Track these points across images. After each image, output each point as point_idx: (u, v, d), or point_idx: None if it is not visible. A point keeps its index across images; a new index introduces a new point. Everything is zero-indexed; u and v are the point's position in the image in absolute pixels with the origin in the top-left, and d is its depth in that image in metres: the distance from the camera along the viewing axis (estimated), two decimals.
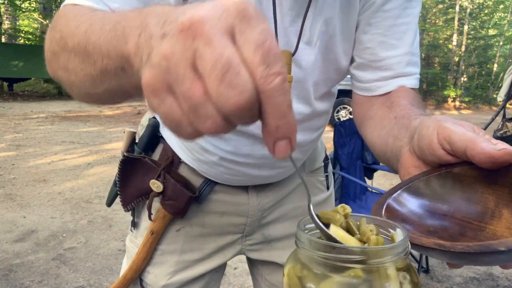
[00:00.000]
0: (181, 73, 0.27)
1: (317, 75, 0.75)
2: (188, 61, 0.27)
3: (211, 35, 0.27)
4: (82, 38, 0.44)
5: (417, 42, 0.74)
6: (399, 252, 0.39)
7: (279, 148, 0.29)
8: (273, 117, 0.28)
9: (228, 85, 0.26)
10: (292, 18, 0.68)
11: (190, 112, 0.28)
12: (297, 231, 0.43)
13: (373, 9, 0.71)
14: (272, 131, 0.28)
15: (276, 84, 0.27)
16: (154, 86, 0.28)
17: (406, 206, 0.44)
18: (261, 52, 0.27)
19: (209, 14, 0.27)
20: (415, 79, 0.73)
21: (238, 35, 0.27)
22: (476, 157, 0.39)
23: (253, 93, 0.27)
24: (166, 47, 0.28)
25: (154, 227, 0.85)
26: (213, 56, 0.26)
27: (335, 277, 0.39)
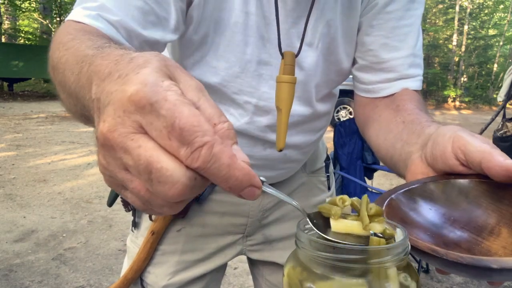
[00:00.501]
0: (120, 178, 0.29)
1: (318, 77, 0.75)
2: (121, 167, 0.28)
3: (123, 144, 0.27)
4: (62, 78, 0.43)
5: (420, 43, 0.74)
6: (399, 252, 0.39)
7: (246, 196, 0.29)
8: (220, 182, 0.28)
9: (158, 183, 0.26)
10: (294, 19, 0.68)
11: (146, 203, 0.29)
12: (297, 231, 0.43)
13: (375, 10, 0.71)
14: (228, 190, 0.29)
15: (203, 157, 0.26)
16: (111, 187, 0.31)
17: (408, 206, 0.44)
18: (174, 135, 0.26)
19: (114, 122, 0.27)
20: (418, 81, 0.73)
21: (147, 128, 0.27)
22: (493, 169, 0.39)
23: (186, 177, 0.27)
24: (101, 158, 0.29)
25: (154, 227, 0.85)
26: (134, 161, 0.27)
27: (335, 277, 0.39)
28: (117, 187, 0.31)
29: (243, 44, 0.68)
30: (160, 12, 0.60)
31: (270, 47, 0.69)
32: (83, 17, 0.54)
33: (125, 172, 0.28)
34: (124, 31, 0.57)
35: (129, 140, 0.27)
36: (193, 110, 0.27)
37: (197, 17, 0.65)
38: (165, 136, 0.26)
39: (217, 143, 0.27)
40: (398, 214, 0.43)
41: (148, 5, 0.58)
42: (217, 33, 0.67)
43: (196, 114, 0.27)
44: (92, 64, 0.35)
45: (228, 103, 0.73)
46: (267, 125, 0.75)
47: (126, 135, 0.27)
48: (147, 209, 0.30)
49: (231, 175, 0.27)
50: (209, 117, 0.28)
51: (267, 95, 0.72)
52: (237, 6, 0.65)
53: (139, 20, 0.58)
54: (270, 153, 0.78)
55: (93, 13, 0.55)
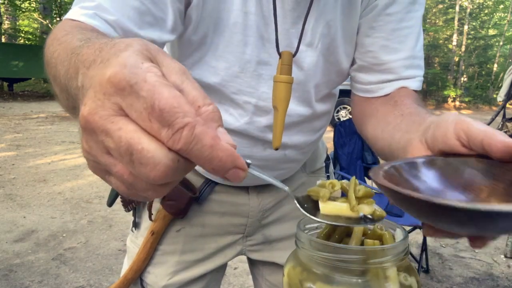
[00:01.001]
0: (103, 162, 0.28)
1: (318, 77, 0.75)
2: (103, 151, 0.28)
3: (103, 126, 0.27)
4: (56, 73, 0.44)
5: (420, 44, 0.74)
6: (399, 252, 0.39)
7: (230, 178, 0.29)
8: (203, 164, 0.27)
9: (140, 165, 0.26)
10: (293, 19, 0.68)
11: (131, 188, 0.29)
12: (297, 231, 0.43)
13: (375, 12, 0.71)
14: (212, 172, 0.28)
15: (185, 138, 0.26)
16: (95, 173, 0.31)
17: (409, 173, 0.46)
18: (155, 117, 0.26)
19: (94, 105, 0.27)
20: (417, 81, 0.73)
21: (128, 110, 0.27)
22: (494, 146, 0.40)
23: (168, 158, 0.26)
24: (84, 143, 0.29)
25: (154, 227, 0.85)
26: (115, 144, 0.26)
27: (335, 277, 0.39)
28: (101, 173, 0.30)
29: (242, 44, 0.68)
30: (156, 12, 0.60)
31: (270, 47, 0.69)
32: (80, 16, 0.55)
33: (108, 156, 0.28)
34: (121, 31, 0.57)
35: (109, 122, 0.27)
36: (173, 91, 0.27)
37: (196, 18, 0.65)
38: (145, 118, 0.26)
39: (198, 124, 0.26)
40: (397, 179, 0.45)
41: (144, 6, 0.59)
42: (216, 33, 0.67)
43: (177, 96, 0.26)
44: (79, 54, 0.35)
45: (227, 103, 0.73)
46: (266, 125, 0.75)
47: (106, 118, 0.27)
48: (132, 194, 0.30)
49: (214, 156, 0.27)
50: (193, 100, 0.28)
51: (267, 95, 0.72)
52: (236, 6, 0.65)
53: (135, 20, 0.58)
54: (270, 153, 0.78)
55: (90, 12, 0.55)
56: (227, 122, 0.74)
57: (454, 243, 3.19)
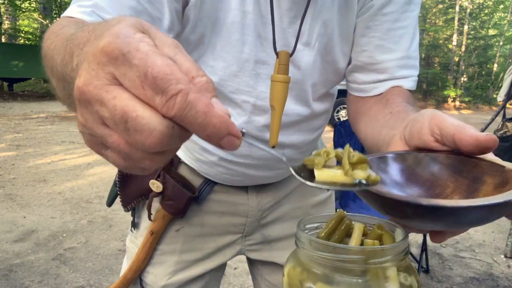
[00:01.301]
0: (99, 133, 0.28)
1: (315, 77, 0.75)
2: (99, 122, 0.28)
3: (98, 96, 0.27)
4: (53, 64, 0.44)
5: (416, 44, 0.74)
6: (399, 252, 0.39)
7: (225, 145, 0.29)
8: (197, 131, 0.28)
9: (135, 131, 0.26)
10: (290, 19, 0.68)
11: (127, 159, 0.29)
12: (297, 231, 0.43)
13: (371, 12, 0.71)
14: (207, 140, 0.28)
15: (179, 105, 0.26)
16: (92, 148, 0.31)
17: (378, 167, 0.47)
18: (148, 84, 0.26)
19: (88, 75, 0.27)
20: (411, 81, 0.73)
21: (121, 79, 0.27)
22: (463, 140, 0.41)
23: (163, 125, 0.27)
24: (79, 116, 0.29)
25: (153, 227, 0.85)
26: (110, 113, 0.27)
27: (335, 277, 0.39)
28: (97, 146, 0.30)
29: (240, 43, 0.68)
30: (153, 12, 0.60)
31: (267, 46, 0.69)
32: (77, 13, 0.55)
33: (103, 126, 0.28)
34: None
35: (104, 92, 0.27)
36: (166, 59, 0.27)
37: (194, 17, 0.65)
38: (138, 86, 0.26)
39: (192, 91, 0.26)
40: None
41: (141, 5, 0.59)
42: (214, 32, 0.67)
43: (169, 64, 0.27)
44: (74, 39, 0.36)
45: (226, 103, 0.73)
46: (265, 125, 0.75)
47: (101, 87, 0.27)
48: (129, 166, 0.30)
49: (208, 122, 0.27)
50: (186, 71, 0.28)
51: (265, 94, 0.72)
52: (234, 6, 0.65)
53: None
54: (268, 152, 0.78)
55: (88, 10, 0.56)
56: None
57: (454, 243, 3.19)
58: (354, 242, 0.42)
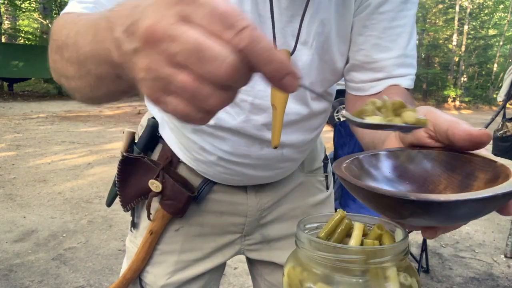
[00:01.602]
0: (166, 74, 0.29)
1: (313, 76, 0.75)
2: (166, 61, 0.29)
3: (170, 32, 0.28)
4: (74, 49, 0.45)
5: (413, 43, 0.74)
6: (399, 252, 0.39)
7: (286, 85, 0.30)
8: (263, 65, 0.28)
9: (209, 60, 0.27)
10: (288, 18, 0.68)
11: (192, 99, 0.30)
12: (297, 231, 0.42)
13: (368, 11, 0.71)
14: (271, 76, 0.29)
15: (247, 37, 0.27)
16: (153, 96, 0.31)
17: (370, 164, 0.48)
18: (217, 19, 0.28)
19: (156, 15, 0.29)
20: (409, 79, 0.73)
21: (190, 17, 0.28)
22: (457, 135, 0.41)
23: (234, 55, 0.28)
24: (142, 61, 0.30)
25: (153, 227, 0.85)
26: (182, 45, 0.28)
27: (335, 277, 0.39)
28: (159, 93, 0.30)
29: None
30: None
31: None
32: (80, 9, 0.56)
33: (170, 66, 0.29)
34: None
35: (175, 28, 0.28)
36: (227, 2, 0.29)
37: None
38: (208, 22, 0.28)
39: (257, 28, 0.28)
40: (358, 170, 0.46)
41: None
42: None
43: (231, 5, 0.28)
44: (110, 16, 0.37)
45: None
46: (263, 124, 0.75)
47: (172, 24, 0.28)
48: (190, 111, 0.30)
49: (274, 57, 0.28)
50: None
51: (263, 93, 0.72)
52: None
53: None
54: (267, 152, 0.78)
55: (90, 5, 0.57)
56: (223, 120, 0.74)
57: (454, 243, 3.19)
58: (354, 242, 0.42)
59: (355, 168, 0.46)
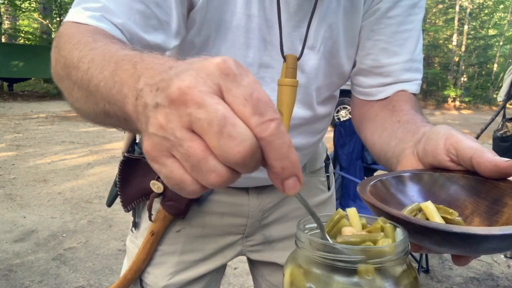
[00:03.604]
0: (178, 136, 0.29)
1: (320, 80, 0.75)
2: (184, 125, 0.29)
3: (201, 99, 0.28)
4: (85, 76, 0.44)
5: (420, 48, 0.74)
6: (399, 252, 0.39)
7: (288, 186, 0.30)
8: (276, 160, 0.29)
9: (228, 137, 0.27)
10: (296, 23, 0.68)
11: (193, 169, 0.29)
12: (297, 231, 0.43)
13: (377, 15, 0.71)
14: (279, 173, 0.30)
15: (272, 129, 0.28)
16: (153, 154, 0.30)
17: (396, 188, 0.47)
18: (251, 103, 0.28)
19: (195, 80, 0.29)
20: (415, 84, 0.73)
21: (226, 93, 0.29)
22: (482, 164, 0.40)
23: (254, 140, 0.28)
24: (161, 118, 0.29)
25: (154, 227, 0.85)
26: (208, 114, 0.28)
27: (335, 277, 0.39)
28: (161, 152, 0.30)
29: (245, 46, 0.67)
30: (161, 15, 0.60)
31: (272, 50, 0.69)
32: (87, 18, 0.54)
33: (187, 130, 0.29)
34: (128, 34, 0.57)
35: (208, 97, 0.28)
36: (264, 92, 0.30)
37: (199, 20, 0.65)
38: (241, 103, 0.28)
39: (283, 124, 0.29)
40: (384, 194, 0.46)
41: (149, 9, 0.59)
42: (218, 35, 0.67)
43: (269, 96, 0.29)
44: (138, 64, 0.36)
45: None
46: None
47: (206, 93, 0.28)
48: (185, 180, 0.30)
49: (289, 155, 0.29)
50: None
51: None
52: (239, 9, 0.65)
53: (140, 24, 0.58)
54: None
55: (97, 14, 0.54)
56: None
57: None
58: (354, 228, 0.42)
59: (380, 191, 0.45)
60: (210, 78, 0.29)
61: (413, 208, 0.43)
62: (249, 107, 0.28)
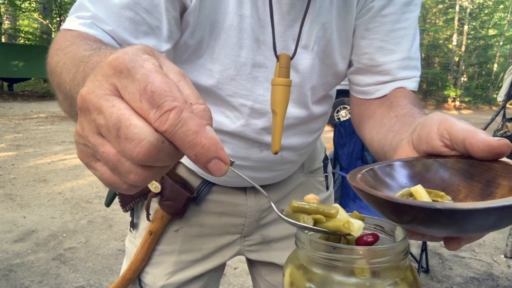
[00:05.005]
0: (92, 142, 0.29)
1: (314, 80, 0.75)
2: (94, 131, 0.29)
3: (98, 104, 0.28)
4: (59, 80, 0.45)
5: (417, 45, 0.74)
6: (399, 252, 0.39)
7: (212, 170, 0.29)
8: (186, 149, 0.28)
9: (125, 139, 0.27)
10: (289, 22, 0.68)
11: (114, 171, 0.30)
12: (297, 231, 0.42)
13: (371, 14, 0.71)
14: (194, 160, 0.29)
15: (171, 120, 0.27)
16: (83, 160, 0.32)
17: (385, 173, 0.46)
18: (145, 98, 0.27)
19: (92, 85, 0.29)
20: (414, 82, 0.73)
21: (122, 91, 0.28)
22: (475, 145, 0.40)
23: (154, 137, 0.27)
24: (79, 126, 0.30)
25: (152, 227, 0.85)
26: (105, 119, 0.28)
27: (335, 277, 0.39)
28: (88, 158, 0.31)
29: (237, 47, 0.67)
30: (151, 21, 0.61)
31: (265, 49, 0.69)
32: (78, 26, 0.56)
33: (98, 136, 0.29)
34: (118, 40, 0.59)
35: (104, 100, 0.28)
36: (167, 78, 0.28)
37: (193, 22, 0.65)
38: (137, 99, 0.27)
39: (186, 110, 0.27)
40: (375, 182, 0.45)
41: (139, 15, 0.59)
42: (212, 36, 0.67)
43: (170, 83, 0.28)
44: (88, 62, 0.37)
45: (223, 106, 0.73)
46: (262, 128, 0.75)
47: (102, 96, 0.28)
48: (115, 181, 0.30)
49: (197, 142, 0.27)
50: (187, 97, 0.29)
51: (263, 97, 0.71)
52: (231, 9, 0.65)
53: (130, 30, 0.59)
54: (266, 155, 0.78)
55: (88, 22, 0.57)
56: (223, 124, 0.74)
57: None
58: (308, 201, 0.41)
59: (370, 178, 0.44)
60: (105, 79, 0.28)
61: (403, 193, 0.42)
62: (145, 102, 0.27)
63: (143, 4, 0.59)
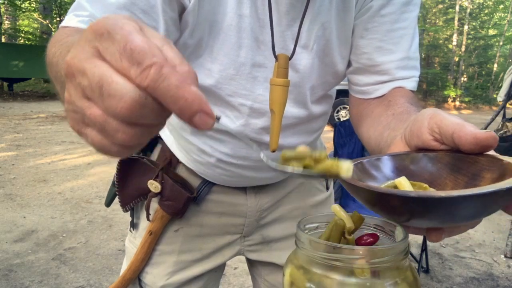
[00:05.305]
0: (79, 106, 0.30)
1: (314, 79, 0.75)
2: (80, 94, 0.30)
3: (81, 66, 0.29)
4: (56, 69, 0.46)
5: (416, 45, 0.74)
6: (399, 252, 0.39)
7: (197, 124, 0.29)
8: (169, 103, 0.28)
9: (108, 96, 0.28)
10: (288, 22, 0.68)
11: (102, 133, 0.30)
12: (297, 231, 0.42)
13: (370, 13, 0.71)
14: (179, 115, 0.29)
15: (152, 75, 0.27)
16: (75, 128, 0.32)
17: (373, 166, 0.47)
18: (125, 56, 0.28)
19: (75, 51, 0.30)
20: (412, 81, 0.73)
21: (104, 53, 0.29)
22: (463, 138, 0.40)
23: (136, 93, 0.28)
24: (66, 93, 0.31)
25: (152, 227, 0.85)
26: (88, 80, 0.28)
27: (335, 277, 0.39)
28: (79, 125, 0.32)
29: (236, 46, 0.67)
30: (148, 22, 0.61)
31: (265, 49, 0.69)
32: (77, 23, 0.57)
33: (84, 99, 0.30)
34: None
35: (86, 63, 0.29)
36: (146, 38, 0.28)
37: (192, 22, 0.65)
38: (117, 58, 0.28)
39: (167, 66, 0.27)
40: (360, 173, 0.45)
41: (135, 16, 0.60)
42: (211, 35, 0.67)
43: (149, 42, 0.28)
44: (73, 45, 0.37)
45: (223, 105, 0.73)
46: (262, 127, 0.75)
47: (85, 59, 0.29)
48: (105, 143, 0.31)
49: (180, 95, 0.28)
50: (170, 60, 0.29)
51: (262, 97, 0.71)
52: (231, 9, 0.65)
53: None
54: (266, 154, 0.78)
55: (86, 19, 0.58)
56: (222, 123, 0.74)
57: (454, 243, 3.19)
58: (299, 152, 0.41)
59: (358, 171, 0.45)
60: (87, 43, 0.29)
61: (388, 185, 0.42)
62: (125, 60, 0.27)
63: (139, 4, 0.59)
